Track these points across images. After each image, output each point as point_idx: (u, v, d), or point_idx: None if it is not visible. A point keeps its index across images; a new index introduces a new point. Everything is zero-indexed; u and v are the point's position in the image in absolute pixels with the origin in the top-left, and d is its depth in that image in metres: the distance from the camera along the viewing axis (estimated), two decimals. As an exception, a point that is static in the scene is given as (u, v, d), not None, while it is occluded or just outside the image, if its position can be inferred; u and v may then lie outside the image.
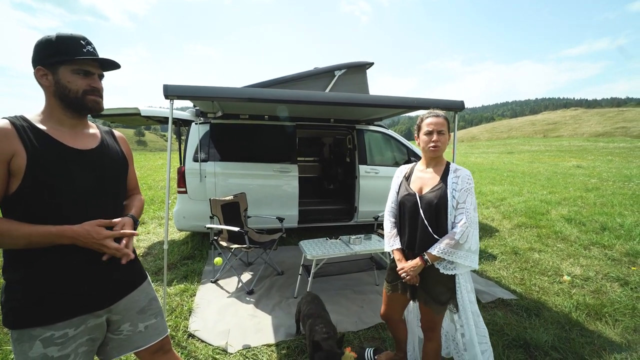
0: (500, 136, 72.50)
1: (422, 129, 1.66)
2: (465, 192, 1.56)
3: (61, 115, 1.08)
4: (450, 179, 1.60)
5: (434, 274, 1.62)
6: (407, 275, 1.61)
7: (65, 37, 1.05)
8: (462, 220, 1.54)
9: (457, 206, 1.57)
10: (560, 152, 27.48)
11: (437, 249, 1.55)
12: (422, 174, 1.71)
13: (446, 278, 1.61)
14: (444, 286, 1.63)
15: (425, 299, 1.66)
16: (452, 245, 1.53)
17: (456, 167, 1.65)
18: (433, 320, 1.69)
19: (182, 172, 4.09)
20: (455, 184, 1.58)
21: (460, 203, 1.56)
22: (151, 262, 3.83)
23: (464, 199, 1.55)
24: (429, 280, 1.64)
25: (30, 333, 1.01)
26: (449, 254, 1.53)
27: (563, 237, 4.74)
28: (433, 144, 1.60)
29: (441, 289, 1.63)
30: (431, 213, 1.59)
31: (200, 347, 2.29)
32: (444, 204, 1.57)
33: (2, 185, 0.96)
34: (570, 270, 3.59)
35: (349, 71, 3.97)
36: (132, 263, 1.28)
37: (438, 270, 1.61)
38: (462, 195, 1.56)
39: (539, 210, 6.41)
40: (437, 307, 1.63)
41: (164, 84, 2.21)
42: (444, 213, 1.58)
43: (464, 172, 1.62)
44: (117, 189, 1.23)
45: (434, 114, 1.64)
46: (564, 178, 11.46)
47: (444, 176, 1.62)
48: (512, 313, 2.74)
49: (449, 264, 1.59)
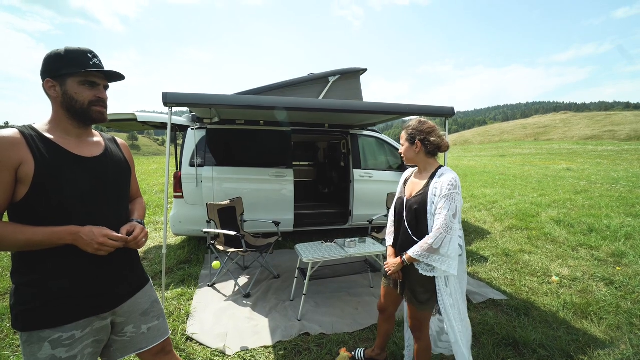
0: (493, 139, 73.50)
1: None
2: (444, 199, 1.58)
3: (67, 125, 1.13)
4: (432, 184, 1.66)
5: (415, 274, 1.72)
6: (389, 270, 1.78)
7: (73, 51, 1.10)
8: (437, 226, 1.58)
9: (435, 212, 1.62)
10: (551, 155, 27.98)
11: (412, 250, 1.66)
12: (415, 178, 1.82)
13: (425, 279, 1.69)
14: (422, 287, 1.71)
15: (408, 296, 1.79)
16: (426, 249, 1.60)
17: (442, 172, 1.67)
18: (417, 319, 1.77)
19: (179, 177, 4.12)
20: (436, 189, 1.63)
21: (438, 209, 1.60)
22: (148, 267, 3.84)
23: (442, 205, 1.59)
24: (410, 280, 1.76)
25: (39, 335, 1.05)
26: (424, 257, 1.62)
27: (552, 239, 4.87)
28: (400, 153, 1.83)
29: (420, 289, 1.71)
30: (412, 216, 1.71)
31: (199, 349, 2.33)
32: (423, 209, 1.65)
33: (10, 192, 1.00)
34: (558, 271, 3.70)
35: (342, 77, 4.07)
36: (136, 266, 1.33)
37: (417, 271, 1.70)
38: (439, 201, 1.60)
39: (530, 212, 6.55)
40: (417, 305, 1.72)
41: (163, 92, 2.27)
42: (424, 217, 1.65)
43: (447, 177, 1.62)
44: (122, 194, 1.27)
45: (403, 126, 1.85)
46: (554, 181, 11.70)
47: (428, 182, 1.70)
48: (503, 313, 2.82)
49: (427, 267, 1.67)
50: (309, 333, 2.51)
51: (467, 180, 12.68)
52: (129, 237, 1.15)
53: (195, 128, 4.20)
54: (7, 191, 1.00)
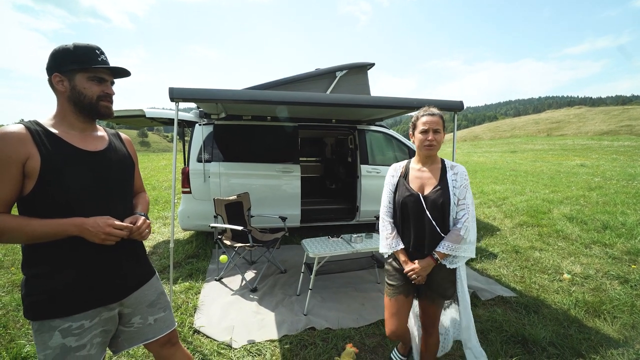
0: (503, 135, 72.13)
1: (417, 128, 1.66)
2: (464, 189, 1.62)
3: (73, 119, 1.14)
4: (449, 176, 1.64)
5: (440, 270, 1.64)
6: (419, 276, 1.60)
7: (82, 47, 1.12)
8: (465, 217, 1.59)
9: (458, 202, 1.61)
10: (564, 150, 27.32)
11: (444, 246, 1.58)
12: (420, 173, 1.69)
13: (450, 272, 1.66)
14: (449, 281, 1.67)
15: (432, 296, 1.68)
16: (458, 241, 1.58)
17: (452, 164, 1.68)
18: (436, 316, 1.74)
19: (187, 173, 4.16)
20: (455, 181, 1.62)
21: (461, 199, 1.61)
22: (156, 261, 3.91)
23: (464, 195, 1.61)
24: (436, 278, 1.66)
25: (49, 324, 1.08)
26: (455, 249, 1.58)
27: (564, 236, 4.76)
28: (428, 142, 1.60)
29: (447, 284, 1.67)
30: (437, 212, 1.60)
31: (206, 342, 2.36)
32: (447, 202, 1.60)
33: (18, 186, 1.02)
34: (570, 269, 3.62)
35: (350, 72, 4.03)
36: (142, 259, 1.35)
37: (444, 266, 1.63)
38: (461, 191, 1.61)
39: (541, 209, 6.42)
40: (442, 302, 1.69)
41: (169, 87, 2.28)
42: (448, 211, 1.61)
43: (460, 168, 1.67)
44: (125, 188, 1.29)
45: (430, 113, 1.64)
46: (567, 177, 11.43)
47: (443, 174, 1.65)
48: (512, 310, 2.78)
49: (454, 258, 1.63)
50: (315, 327, 2.52)
51: (477, 177, 12.49)
52: (133, 225, 1.17)
53: (202, 124, 4.23)
54: (15, 185, 1.01)
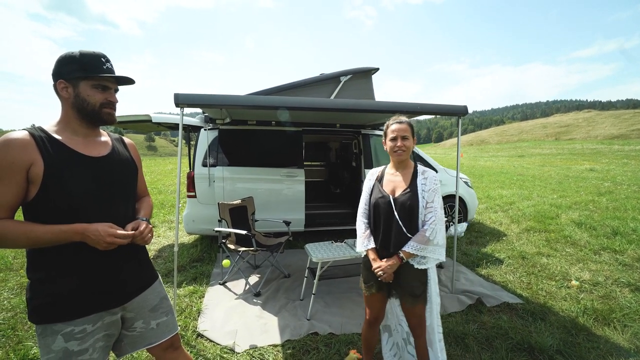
0: (511, 139, 71.38)
1: (388, 135, 1.78)
2: (433, 192, 1.70)
3: (76, 126, 1.16)
4: (419, 180, 1.73)
5: (408, 269, 1.72)
6: (384, 273, 1.69)
7: (87, 55, 1.14)
8: (432, 219, 1.68)
9: (427, 205, 1.70)
10: (573, 155, 26.94)
11: (410, 246, 1.66)
12: (393, 177, 1.80)
13: (420, 272, 1.73)
14: (418, 280, 1.74)
15: (401, 293, 1.77)
16: (424, 242, 1.66)
17: (423, 169, 1.78)
18: (417, 315, 1.77)
19: (192, 177, 4.20)
20: (424, 185, 1.72)
21: (429, 202, 1.70)
22: (161, 265, 3.94)
23: (432, 199, 1.70)
24: (404, 276, 1.74)
25: (52, 328, 1.09)
26: (421, 250, 1.66)
27: (572, 242, 4.68)
28: (397, 148, 1.72)
29: (416, 283, 1.74)
30: (405, 213, 1.69)
31: (209, 346, 2.36)
32: (415, 205, 1.69)
33: (21, 192, 1.04)
34: (578, 275, 3.55)
35: (354, 77, 4.05)
36: (144, 263, 1.36)
37: (412, 266, 1.72)
38: (430, 195, 1.70)
39: (549, 214, 6.33)
40: (413, 300, 1.73)
41: (174, 93, 2.32)
42: (416, 212, 1.70)
43: (431, 173, 1.76)
44: (128, 192, 1.30)
45: (398, 121, 1.75)
46: (576, 182, 11.26)
47: (414, 178, 1.75)
48: (518, 317, 2.73)
49: (422, 259, 1.71)
50: (318, 333, 2.51)
51: (483, 181, 12.37)
52: (134, 232, 1.18)
53: (207, 129, 4.28)
54: (18, 191, 1.03)
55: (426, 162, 5.19)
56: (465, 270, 3.76)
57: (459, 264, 3.94)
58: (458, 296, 3.08)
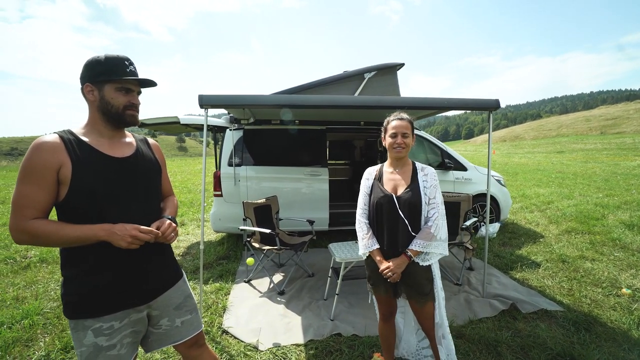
0: (549, 134, 66.83)
1: (387, 132, 1.77)
2: (434, 188, 1.71)
3: (102, 127, 1.21)
4: (420, 177, 1.73)
5: (414, 268, 1.71)
6: (393, 273, 1.66)
7: (112, 58, 1.17)
8: (435, 214, 1.68)
9: (429, 202, 1.70)
10: (622, 150, 24.73)
11: (417, 244, 1.66)
12: (393, 175, 1.78)
13: (425, 270, 1.73)
14: (425, 278, 1.73)
15: (409, 293, 1.74)
16: (429, 238, 1.66)
17: (422, 166, 1.78)
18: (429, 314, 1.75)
19: (218, 177, 4.31)
20: (425, 181, 1.72)
21: (432, 199, 1.70)
22: (190, 262, 4.08)
23: (434, 195, 1.70)
24: (412, 275, 1.71)
25: (83, 323, 1.15)
26: (427, 246, 1.66)
27: (622, 245, 4.27)
28: (397, 145, 1.71)
29: (424, 281, 1.73)
30: (410, 211, 1.69)
31: (233, 343, 2.41)
32: (418, 202, 1.69)
33: (53, 193, 1.10)
34: (630, 283, 3.23)
35: (378, 73, 3.95)
36: (169, 262, 1.39)
37: (418, 264, 1.70)
38: (432, 191, 1.71)
39: (593, 214, 5.83)
40: (422, 298, 1.72)
41: (199, 95, 2.37)
42: (419, 210, 1.70)
43: (430, 169, 1.76)
44: (151, 192, 1.33)
45: (399, 117, 1.74)
46: (626, 179, 10.31)
47: (414, 175, 1.75)
48: (558, 326, 2.53)
49: (426, 256, 1.71)
50: (341, 334, 2.47)
51: (518, 179, 11.68)
52: (158, 231, 1.21)
53: (233, 129, 4.37)
54: (50, 192, 1.09)
55: (455, 159, 4.96)
56: (497, 274, 3.55)
57: (490, 267, 3.73)
58: (490, 301, 2.91)
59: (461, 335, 2.41)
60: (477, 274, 3.57)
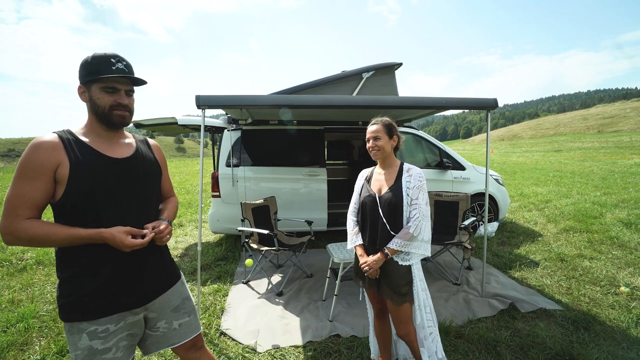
0: (546, 133, 67.04)
1: (367, 136, 1.84)
2: (417, 189, 1.72)
3: (98, 128, 1.19)
4: (404, 178, 1.76)
5: (393, 267, 1.74)
6: (370, 268, 1.72)
7: (97, 57, 1.14)
8: (416, 215, 1.69)
9: (411, 202, 1.72)
10: (619, 148, 24.85)
11: (395, 243, 1.69)
12: (380, 176, 1.85)
13: (404, 270, 1.74)
14: (402, 278, 1.74)
15: (387, 292, 1.76)
16: (408, 238, 1.68)
17: (409, 167, 1.81)
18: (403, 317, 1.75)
19: (216, 177, 4.30)
20: (409, 182, 1.74)
21: (414, 200, 1.72)
22: (188, 263, 4.06)
23: (417, 196, 1.72)
24: (389, 274, 1.75)
25: (78, 326, 1.13)
26: (405, 246, 1.68)
27: (620, 244, 4.28)
28: (371, 148, 1.80)
29: (401, 281, 1.73)
30: (389, 211, 1.73)
31: (231, 345, 2.39)
32: (399, 202, 1.72)
33: (49, 192, 1.08)
34: (628, 281, 3.23)
35: (376, 73, 3.94)
36: (167, 264, 1.37)
37: (397, 262, 1.73)
38: (414, 192, 1.72)
39: (591, 213, 5.85)
40: (399, 299, 1.73)
41: (196, 95, 2.36)
42: (400, 210, 1.72)
43: (415, 170, 1.78)
44: (152, 193, 1.31)
45: (374, 122, 1.81)
46: (623, 177, 10.35)
47: (399, 176, 1.78)
48: (556, 325, 2.52)
49: (406, 256, 1.74)
50: (340, 335, 2.46)
51: (516, 178, 11.70)
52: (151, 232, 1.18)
53: (230, 129, 4.35)
54: (46, 191, 1.07)
55: (454, 159, 4.96)
56: (496, 273, 3.55)
57: (489, 266, 3.73)
58: (489, 300, 2.91)
59: (460, 335, 2.40)
60: (475, 273, 3.56)
